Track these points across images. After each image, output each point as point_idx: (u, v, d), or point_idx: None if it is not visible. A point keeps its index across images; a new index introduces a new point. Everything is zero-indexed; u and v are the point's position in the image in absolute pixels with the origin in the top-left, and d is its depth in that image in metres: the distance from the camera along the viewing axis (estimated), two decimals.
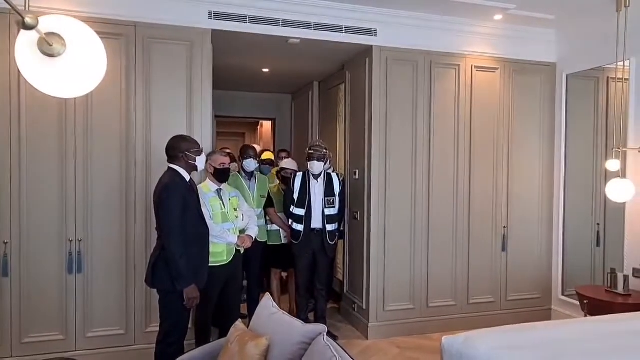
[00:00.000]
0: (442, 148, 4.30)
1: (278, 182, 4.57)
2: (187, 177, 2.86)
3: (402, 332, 4.18)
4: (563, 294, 4.53)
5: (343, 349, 1.92)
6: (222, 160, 3.33)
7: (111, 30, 3.36)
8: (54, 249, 3.36)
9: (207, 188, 3.32)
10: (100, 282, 3.47)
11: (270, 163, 4.78)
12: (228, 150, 4.96)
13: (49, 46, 1.44)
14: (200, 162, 2.92)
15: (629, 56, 3.76)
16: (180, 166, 2.84)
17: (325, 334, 1.99)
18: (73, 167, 3.38)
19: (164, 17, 3.53)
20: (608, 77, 4.38)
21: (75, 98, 3.31)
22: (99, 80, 1.67)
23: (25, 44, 1.45)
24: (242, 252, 3.45)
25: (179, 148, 2.83)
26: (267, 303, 2.42)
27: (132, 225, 3.52)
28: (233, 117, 7.14)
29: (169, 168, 2.85)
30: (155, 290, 2.93)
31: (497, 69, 4.44)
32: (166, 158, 2.90)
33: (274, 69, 5.33)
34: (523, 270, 4.56)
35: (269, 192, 4.34)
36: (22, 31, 1.42)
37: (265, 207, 4.29)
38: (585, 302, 3.65)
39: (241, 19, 3.72)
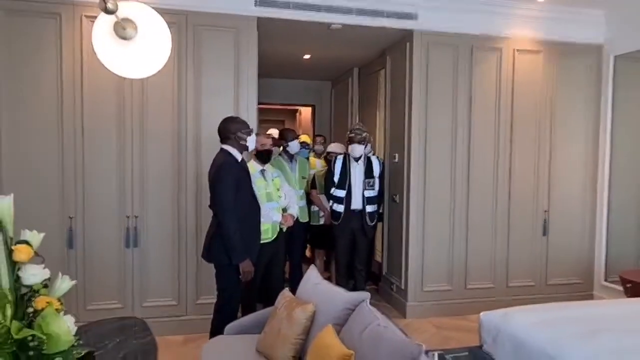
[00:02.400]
0: (482, 132, 4.31)
1: (325, 165, 4.76)
2: (239, 157, 3.02)
3: (440, 312, 4.26)
4: (606, 280, 4.47)
5: (384, 314, 2.04)
6: (263, 141, 3.48)
7: (165, 20, 3.55)
8: (114, 224, 3.64)
9: (252, 168, 3.43)
10: (154, 256, 3.73)
11: (306, 146, 4.91)
12: (269, 133, 5.15)
13: (122, 30, 1.63)
14: (251, 142, 3.08)
15: None
16: (232, 146, 3.00)
17: (368, 300, 2.12)
18: (130, 149, 3.63)
19: (213, 4, 3.71)
20: None
21: (132, 82, 3.56)
22: (164, 63, 1.85)
23: (102, 27, 1.65)
24: (284, 230, 3.61)
25: (230, 129, 2.99)
26: (312, 273, 2.58)
27: (184, 204, 3.75)
28: (273, 104, 7.31)
29: (222, 149, 3.02)
30: (211, 265, 3.12)
31: (540, 51, 4.39)
32: (217, 139, 3.08)
33: (314, 56, 5.44)
34: (564, 255, 4.53)
35: (314, 175, 4.54)
36: (101, 15, 1.61)
37: (310, 189, 4.49)
38: (628, 285, 3.62)
39: (285, 5, 3.84)
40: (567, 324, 2.49)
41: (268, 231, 3.43)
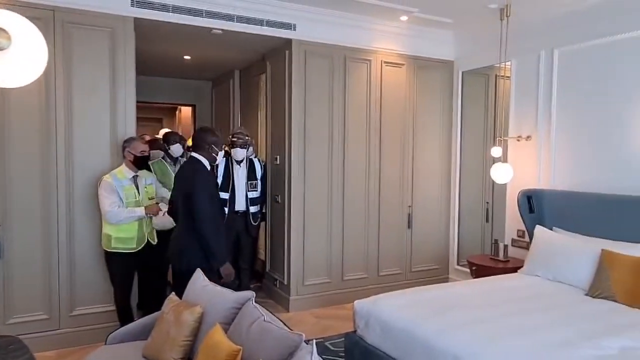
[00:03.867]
0: (355, 135, 4.71)
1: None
2: (209, 167, 3.06)
3: (320, 303, 4.59)
4: (458, 264, 5.20)
5: (269, 311, 2.22)
6: (142, 148, 3.46)
7: (28, 14, 3.29)
8: None
9: (122, 174, 3.42)
10: (21, 267, 3.45)
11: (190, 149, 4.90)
12: (147, 137, 5.01)
13: None
14: (220, 157, 3.15)
15: (510, 58, 4.40)
16: (203, 156, 3.02)
17: (253, 299, 2.28)
18: None
19: (85, 2, 3.53)
20: (496, 75, 5.06)
21: None
22: (42, 70, 1.80)
23: None
24: (155, 242, 3.58)
25: (206, 140, 3.03)
26: (198, 276, 2.66)
27: (54, 210, 3.52)
28: (153, 102, 7.06)
29: (193, 157, 3.04)
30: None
31: (403, 64, 4.93)
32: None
33: (195, 57, 5.41)
34: (425, 244, 5.17)
35: None
36: None
37: None
38: (473, 268, 4.28)
39: (164, 8, 3.80)
40: (425, 305, 2.93)
41: (133, 240, 3.41)
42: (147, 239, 3.50)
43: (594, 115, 3.83)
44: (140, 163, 3.47)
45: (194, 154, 3.05)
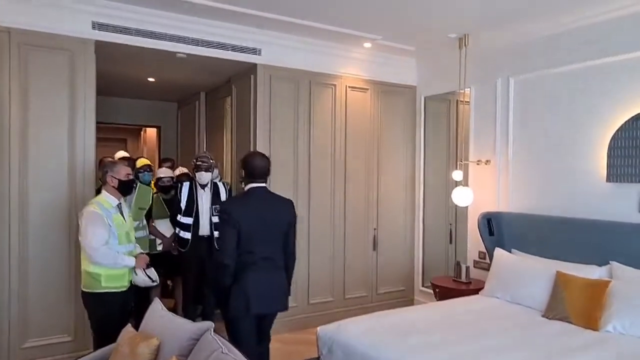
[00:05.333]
0: (320, 159, 4.75)
1: (155, 191, 4.57)
2: None
3: (286, 328, 4.52)
4: (423, 286, 5.25)
5: (228, 341, 2.18)
6: (127, 171, 3.06)
7: None
8: None
9: (107, 203, 2.98)
10: None
11: (149, 169, 4.76)
12: (120, 155, 4.84)
13: None
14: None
15: (470, 85, 4.56)
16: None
17: (212, 329, 2.23)
18: None
19: (43, 24, 3.47)
20: (458, 100, 5.22)
21: None
22: None
23: None
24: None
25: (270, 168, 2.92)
26: (156, 306, 2.59)
27: (6, 243, 3.39)
28: (116, 124, 6.94)
29: (264, 186, 2.86)
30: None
31: (367, 89, 5.03)
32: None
33: (160, 79, 5.37)
34: (391, 266, 5.20)
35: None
36: None
37: (147, 217, 4.23)
38: (437, 290, 4.34)
39: (127, 31, 3.77)
40: (387, 329, 2.94)
41: (125, 277, 3.03)
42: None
43: (548, 141, 3.99)
44: (126, 189, 3.07)
45: (262, 184, 2.85)
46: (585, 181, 3.69)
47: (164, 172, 4.64)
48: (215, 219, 4.30)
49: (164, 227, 4.43)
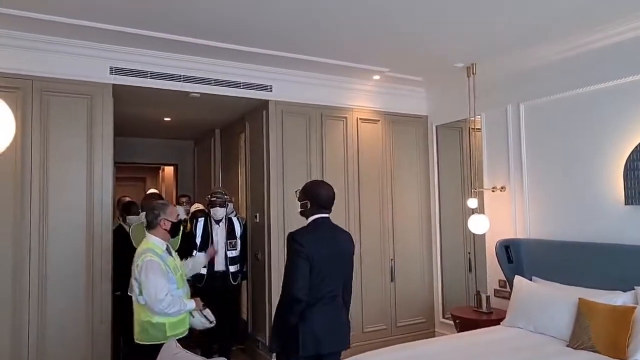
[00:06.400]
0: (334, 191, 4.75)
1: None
2: None
3: None
4: (444, 317, 5.12)
5: None
6: (177, 212, 3.00)
7: (5, 84, 3.40)
8: None
9: (159, 248, 2.85)
10: None
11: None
12: (156, 191, 4.89)
13: None
14: None
15: (480, 112, 4.58)
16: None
17: None
18: None
19: (63, 71, 3.63)
20: (469, 127, 5.22)
21: None
22: (7, 143, 1.84)
23: None
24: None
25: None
26: (171, 344, 2.58)
27: (26, 289, 3.46)
28: (134, 163, 7.11)
29: (326, 217, 2.74)
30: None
31: (378, 120, 5.08)
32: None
33: (175, 118, 5.53)
34: (410, 297, 5.10)
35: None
36: None
37: None
38: (457, 321, 4.23)
39: (143, 74, 3.92)
40: None
41: (185, 321, 2.91)
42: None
43: (563, 165, 3.94)
44: (176, 230, 2.99)
45: (327, 214, 2.72)
46: (603, 205, 3.62)
47: (182, 212, 4.48)
48: (231, 254, 4.32)
49: None
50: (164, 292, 2.73)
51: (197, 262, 3.51)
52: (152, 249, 2.81)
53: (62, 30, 3.42)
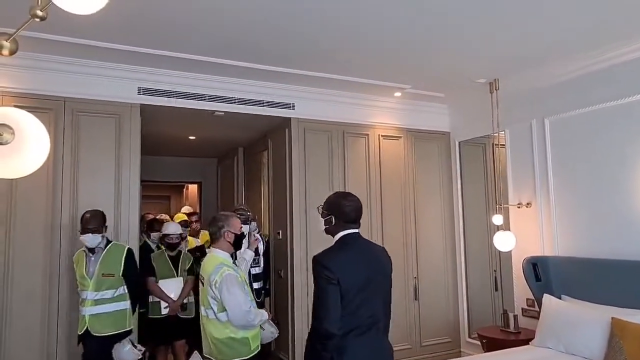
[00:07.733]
0: None
1: (163, 248, 4.25)
2: None
3: None
4: (470, 337, 5.00)
5: None
6: (240, 223, 2.90)
7: (40, 105, 3.54)
8: None
9: (228, 261, 2.72)
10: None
11: (185, 224, 4.90)
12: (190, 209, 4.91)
13: None
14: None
15: (504, 128, 4.53)
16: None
17: None
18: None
19: (93, 92, 3.76)
20: (493, 143, 5.16)
21: None
22: (42, 161, 1.91)
23: None
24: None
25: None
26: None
27: (55, 303, 3.53)
28: (159, 181, 7.25)
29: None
30: None
31: (400, 137, 5.07)
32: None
33: (200, 137, 5.63)
34: (434, 317, 5.01)
35: (150, 261, 4.10)
36: None
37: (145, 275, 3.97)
38: (484, 341, 4.12)
39: (169, 94, 4.03)
40: None
41: (259, 334, 2.78)
42: None
43: (590, 180, 3.85)
44: (239, 242, 2.93)
45: (357, 229, 2.36)
46: (634, 220, 3.51)
47: (174, 229, 4.24)
48: (254, 271, 4.33)
49: (171, 287, 4.04)
50: (248, 304, 2.59)
51: (248, 256, 3.40)
52: (224, 262, 2.67)
53: (96, 54, 3.57)
